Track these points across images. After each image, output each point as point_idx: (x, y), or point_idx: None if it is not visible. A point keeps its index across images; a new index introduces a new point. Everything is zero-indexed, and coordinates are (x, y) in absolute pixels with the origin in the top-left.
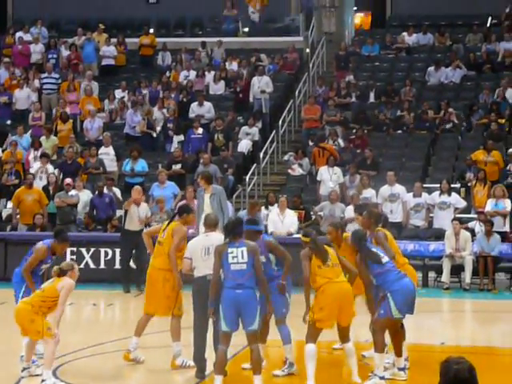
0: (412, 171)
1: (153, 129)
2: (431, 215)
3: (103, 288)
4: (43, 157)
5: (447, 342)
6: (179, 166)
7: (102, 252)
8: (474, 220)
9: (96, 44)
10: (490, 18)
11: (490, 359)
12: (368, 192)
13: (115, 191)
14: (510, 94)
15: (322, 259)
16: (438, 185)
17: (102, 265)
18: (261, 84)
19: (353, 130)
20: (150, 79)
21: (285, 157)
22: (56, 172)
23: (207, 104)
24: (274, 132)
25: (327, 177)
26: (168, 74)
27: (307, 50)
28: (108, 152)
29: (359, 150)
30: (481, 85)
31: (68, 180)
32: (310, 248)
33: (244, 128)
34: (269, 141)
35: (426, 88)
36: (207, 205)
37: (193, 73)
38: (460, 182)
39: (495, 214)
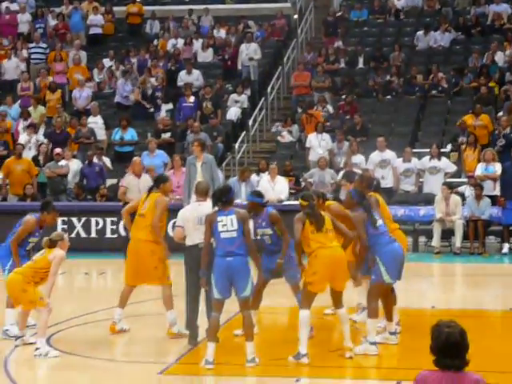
0: (402, 136)
1: (147, 99)
2: (421, 180)
3: (94, 257)
4: (30, 127)
5: (438, 306)
6: (168, 135)
7: (93, 221)
8: (464, 184)
9: (83, 13)
10: None
11: (481, 322)
12: (357, 158)
13: (105, 160)
14: (500, 58)
15: (317, 227)
16: (428, 149)
17: (93, 234)
18: (249, 51)
19: (342, 96)
20: (138, 48)
21: (272, 128)
22: (45, 142)
23: (195, 72)
24: (263, 99)
25: (316, 143)
26: (156, 43)
27: (295, 16)
28: (96, 121)
29: (348, 116)
30: (470, 48)
31: (58, 150)
32: (306, 213)
33: (233, 96)
34: (258, 108)
35: (415, 53)
36: (199, 173)
37: (181, 41)
38: (452, 145)
39: (485, 178)
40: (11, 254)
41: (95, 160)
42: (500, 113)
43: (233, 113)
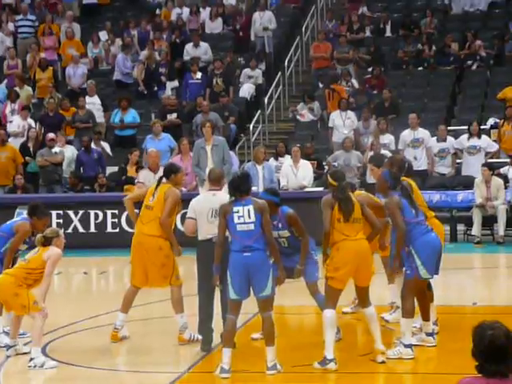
0: (435, 113)
1: (153, 77)
2: (459, 161)
3: (94, 254)
4: (24, 110)
5: (480, 303)
6: (174, 116)
7: (92, 214)
8: (507, 165)
9: None
10: None
11: None
12: (386, 138)
13: (104, 146)
14: None
15: (345, 214)
16: (466, 127)
17: (93, 228)
18: (263, 20)
19: (368, 69)
20: (139, 19)
21: (289, 112)
22: (37, 126)
23: (203, 45)
24: (280, 74)
25: (340, 122)
26: (158, 12)
27: None
28: (93, 102)
29: (376, 91)
30: (511, 12)
31: (51, 135)
32: (336, 196)
33: (246, 70)
34: (274, 84)
35: (449, 18)
36: (209, 158)
37: (186, 10)
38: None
39: None
40: None
41: (93, 146)
42: None
43: (246, 90)
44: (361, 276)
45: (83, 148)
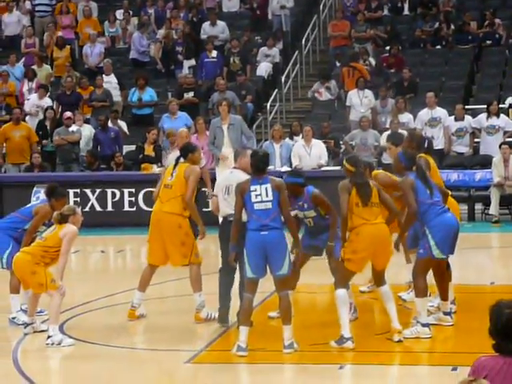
0: (453, 92)
1: (170, 56)
2: (476, 140)
3: (111, 233)
4: (41, 88)
5: (498, 282)
6: (191, 94)
7: (109, 193)
8: None
9: None
10: None
11: None
12: (404, 117)
13: (120, 125)
14: None
15: (363, 198)
16: (484, 106)
17: (110, 207)
18: None
19: (385, 48)
20: None
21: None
22: (54, 105)
23: (220, 23)
24: (297, 52)
25: (357, 101)
26: None
27: None
28: (110, 80)
29: (393, 70)
30: None
31: (68, 113)
32: (353, 182)
33: (263, 49)
34: (291, 63)
35: None
36: (225, 136)
37: None
38: None
39: None
40: (10, 242)
41: (110, 124)
42: None
43: (263, 68)
44: (379, 260)
45: (100, 127)
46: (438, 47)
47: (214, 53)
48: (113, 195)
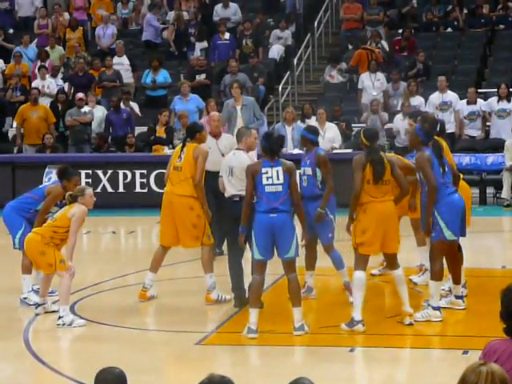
0: (465, 75)
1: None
2: (488, 124)
3: (123, 214)
4: (54, 70)
5: (509, 266)
6: (203, 76)
7: (121, 174)
8: None
9: None
10: None
11: None
12: (416, 100)
13: (132, 106)
14: None
15: (376, 176)
16: (496, 90)
17: (121, 188)
18: None
19: (398, 31)
20: None
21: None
22: (66, 86)
23: (233, 5)
24: (309, 35)
25: (369, 84)
26: None
27: None
28: (122, 62)
29: (405, 53)
30: None
31: (80, 95)
32: (368, 157)
33: (275, 31)
34: (303, 45)
35: None
36: (239, 117)
37: None
38: None
39: None
40: (23, 222)
41: (122, 106)
42: None
43: (275, 51)
44: (387, 241)
45: (112, 108)
46: (450, 30)
47: (227, 35)
48: (124, 176)
